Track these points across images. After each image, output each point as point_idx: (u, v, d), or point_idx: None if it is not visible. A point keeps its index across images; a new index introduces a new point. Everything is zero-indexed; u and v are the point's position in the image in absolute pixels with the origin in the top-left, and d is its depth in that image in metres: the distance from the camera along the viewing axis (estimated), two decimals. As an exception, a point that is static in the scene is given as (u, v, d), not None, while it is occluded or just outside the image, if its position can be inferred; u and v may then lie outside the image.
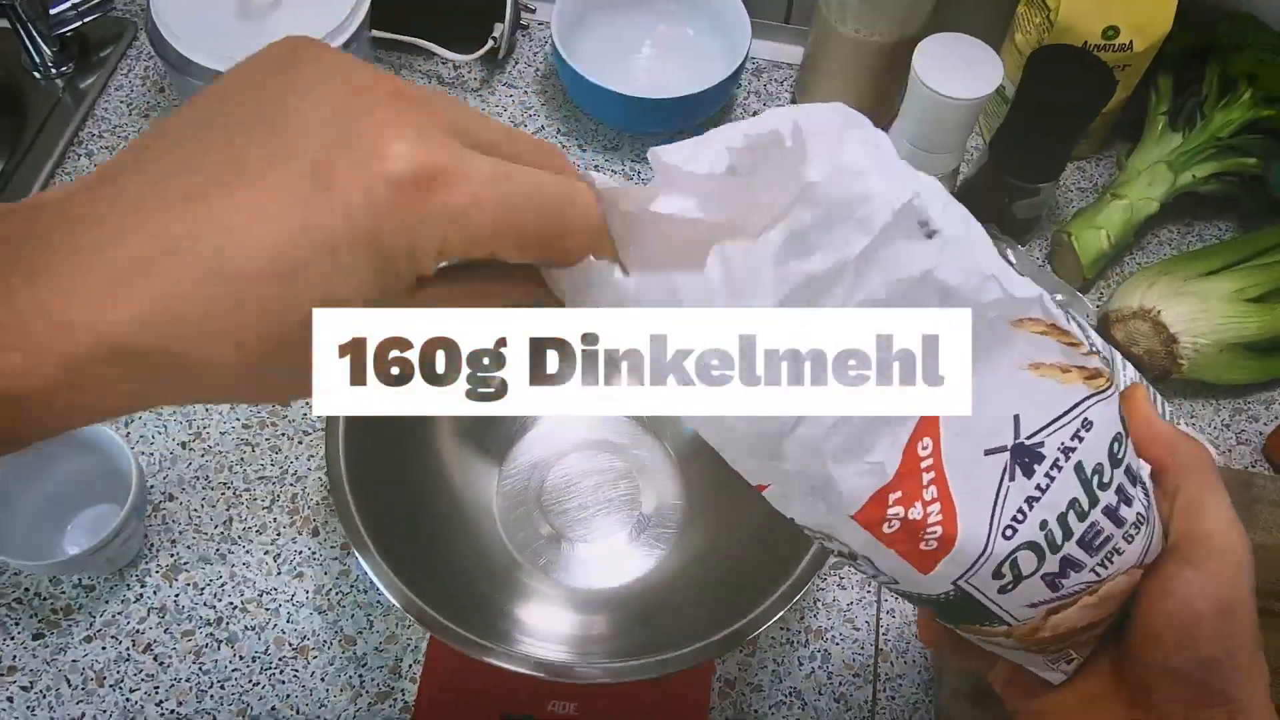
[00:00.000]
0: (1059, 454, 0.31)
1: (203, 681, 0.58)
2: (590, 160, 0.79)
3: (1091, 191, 0.81)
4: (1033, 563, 0.32)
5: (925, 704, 0.60)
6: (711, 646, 0.50)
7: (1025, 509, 0.31)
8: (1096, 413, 0.32)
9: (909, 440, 0.30)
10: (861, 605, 0.63)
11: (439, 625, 0.49)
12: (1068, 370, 0.31)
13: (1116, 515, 0.32)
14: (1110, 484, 0.32)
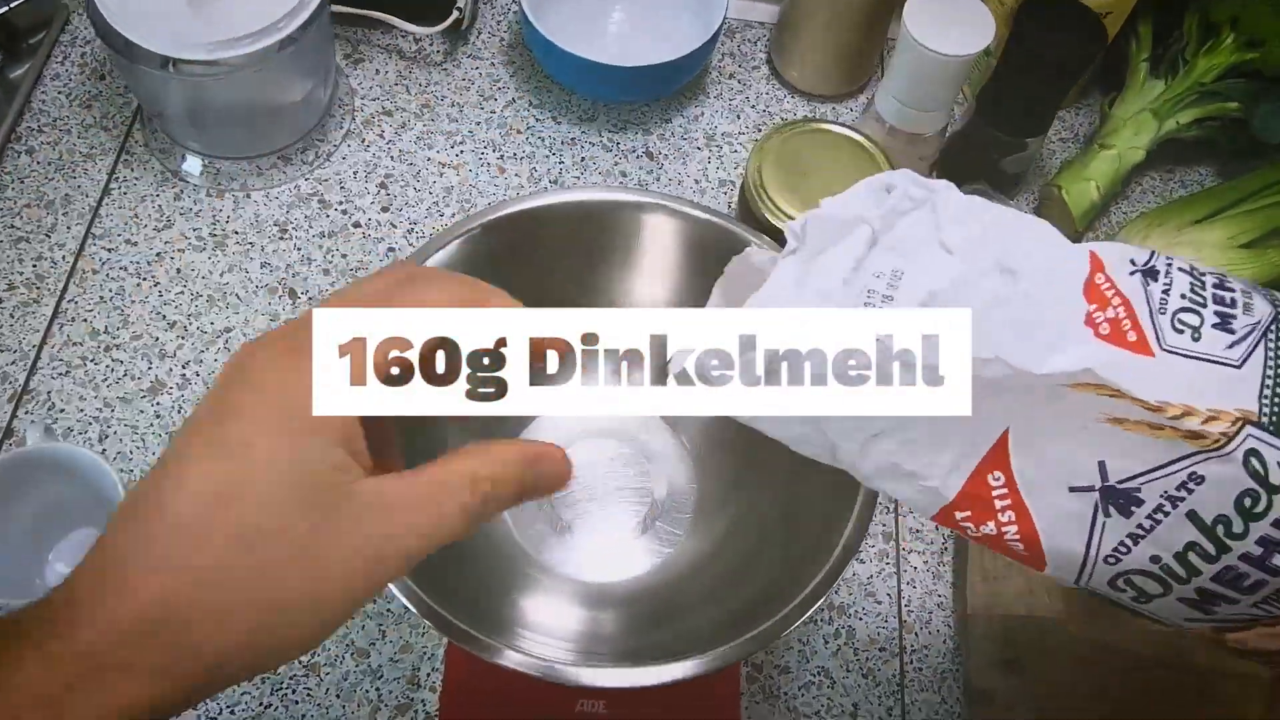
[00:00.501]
0: (1163, 500, 0.32)
1: (210, 709, 0.55)
2: (565, 133, 0.76)
3: (1073, 142, 0.80)
4: (1158, 587, 0.33)
5: (953, 673, 0.60)
6: (747, 643, 0.48)
7: (1129, 543, 0.33)
8: (1208, 469, 0.32)
9: (975, 470, 0.34)
10: (881, 578, 0.62)
11: (464, 634, 0.47)
12: (1159, 428, 0.32)
13: (1266, 565, 0.32)
14: (1245, 534, 0.32)
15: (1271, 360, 0.33)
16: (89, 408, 0.62)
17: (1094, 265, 0.34)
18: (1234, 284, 0.34)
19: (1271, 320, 0.33)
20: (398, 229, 0.70)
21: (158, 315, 0.65)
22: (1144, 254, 0.35)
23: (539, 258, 0.59)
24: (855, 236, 0.34)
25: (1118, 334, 0.33)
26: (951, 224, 0.34)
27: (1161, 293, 0.34)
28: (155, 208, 0.69)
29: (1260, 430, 0.31)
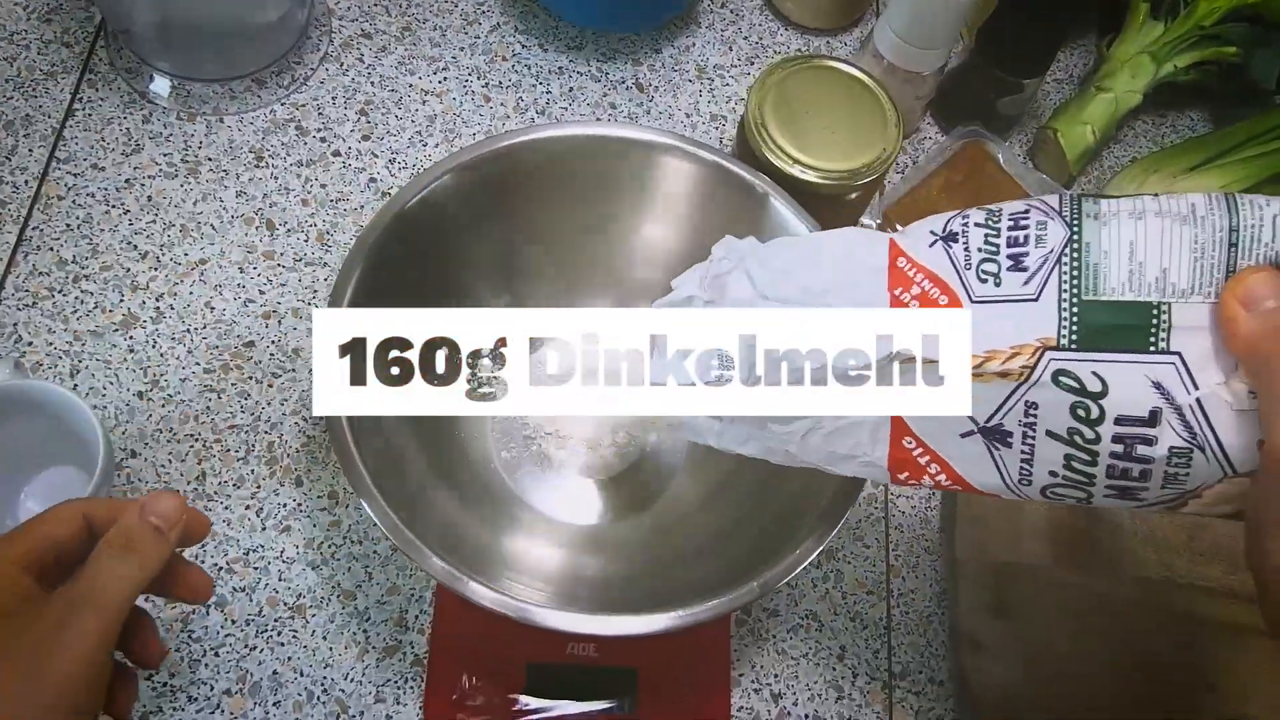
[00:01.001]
0: (1023, 428, 0.37)
1: (194, 650, 0.54)
2: (552, 61, 0.73)
3: (1069, 83, 0.79)
4: (1079, 493, 0.38)
5: (939, 617, 0.60)
6: (746, 593, 0.47)
7: (1026, 467, 0.38)
8: (1034, 395, 0.36)
9: (890, 440, 0.40)
10: (870, 522, 0.62)
11: (454, 577, 0.46)
12: (980, 376, 0.37)
13: (1133, 456, 0.35)
14: (1099, 439, 0.35)
15: (1066, 283, 0.36)
16: (58, 341, 0.59)
17: (893, 253, 0.40)
18: (1031, 217, 0.37)
19: (1064, 244, 0.36)
20: (379, 159, 0.68)
21: (128, 245, 0.63)
22: (942, 221, 0.40)
23: (531, 195, 0.57)
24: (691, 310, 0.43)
25: (928, 303, 0.38)
26: (759, 271, 0.41)
27: (964, 251, 0.38)
28: (123, 131, 0.66)
29: (1060, 351, 0.35)
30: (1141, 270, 0.35)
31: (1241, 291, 0.33)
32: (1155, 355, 0.34)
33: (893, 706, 0.58)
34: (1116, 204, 0.36)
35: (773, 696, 0.57)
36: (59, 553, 0.39)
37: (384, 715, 0.53)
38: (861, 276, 0.40)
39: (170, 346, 0.60)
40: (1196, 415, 0.34)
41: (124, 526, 0.38)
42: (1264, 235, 0.34)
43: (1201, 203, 0.35)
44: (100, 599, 0.36)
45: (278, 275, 0.63)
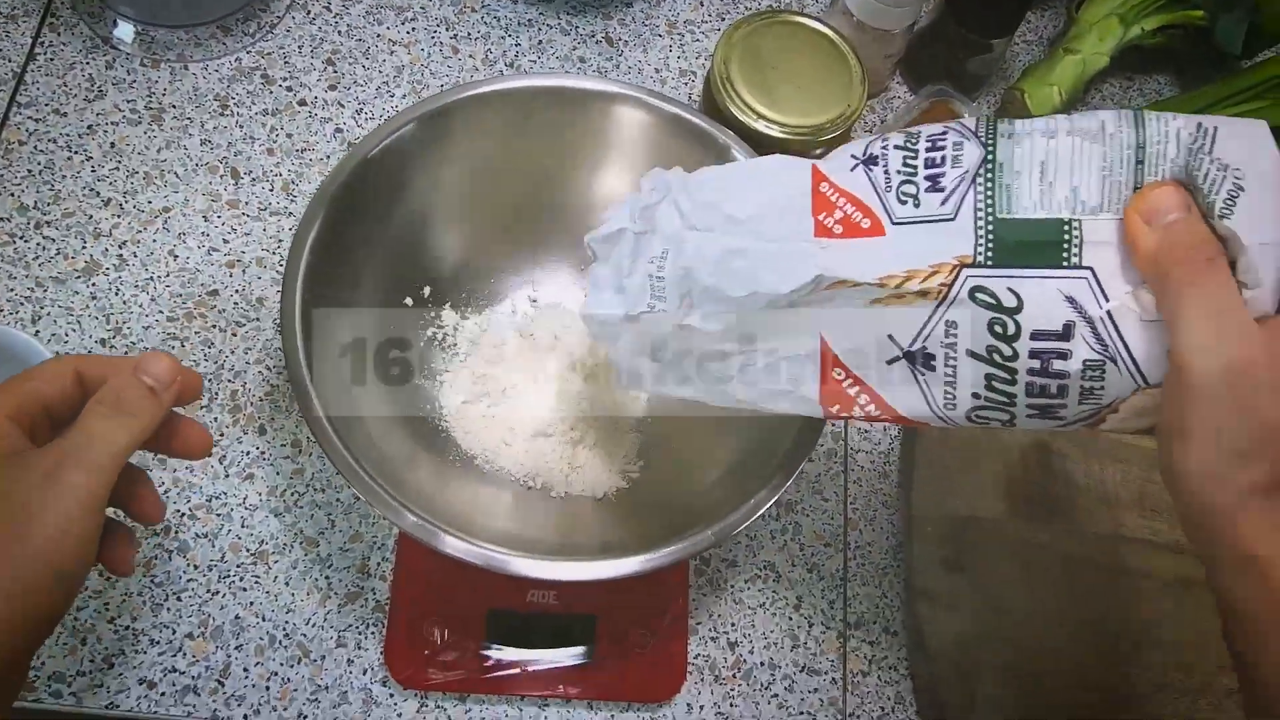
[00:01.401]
0: (945, 349, 0.38)
1: (156, 595, 0.54)
2: (522, 13, 0.73)
3: (1038, 44, 0.79)
4: (1002, 415, 0.39)
5: (895, 569, 0.61)
6: (702, 540, 0.48)
7: (950, 390, 0.39)
8: (953, 314, 0.37)
9: (821, 374, 0.41)
10: (829, 476, 0.63)
11: (416, 525, 0.46)
12: (901, 296, 0.38)
13: (1050, 371, 0.36)
14: (1016, 355, 0.36)
15: (981, 202, 0.36)
16: (19, 288, 0.59)
17: (816, 178, 0.40)
18: (948, 137, 0.38)
19: (979, 164, 0.37)
20: (346, 109, 0.68)
21: (91, 191, 0.62)
22: (862, 145, 0.40)
23: (494, 147, 0.57)
24: (623, 241, 0.43)
25: (851, 227, 0.39)
26: (686, 202, 0.42)
27: (884, 174, 0.39)
28: (85, 76, 0.65)
29: (976, 268, 0.36)
30: (1052, 189, 0.36)
31: (1144, 207, 0.34)
32: (1068, 270, 0.35)
33: (847, 655, 0.59)
34: (1030, 123, 0.37)
35: (729, 645, 0.58)
36: (49, 408, 0.38)
37: (345, 659, 0.54)
38: (786, 203, 0.40)
39: (133, 294, 0.60)
40: (1108, 327, 0.35)
41: (116, 385, 0.37)
42: (1169, 151, 0.35)
43: (1110, 119, 0.36)
44: (89, 456, 0.35)
45: (242, 224, 0.63)
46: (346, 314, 0.53)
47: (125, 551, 0.41)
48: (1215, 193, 0.34)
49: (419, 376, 0.58)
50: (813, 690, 0.58)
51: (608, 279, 0.44)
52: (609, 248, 0.44)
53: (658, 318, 0.42)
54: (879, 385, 0.41)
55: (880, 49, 0.70)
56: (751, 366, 0.43)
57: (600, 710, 0.55)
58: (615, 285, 0.43)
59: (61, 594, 0.35)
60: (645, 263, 0.42)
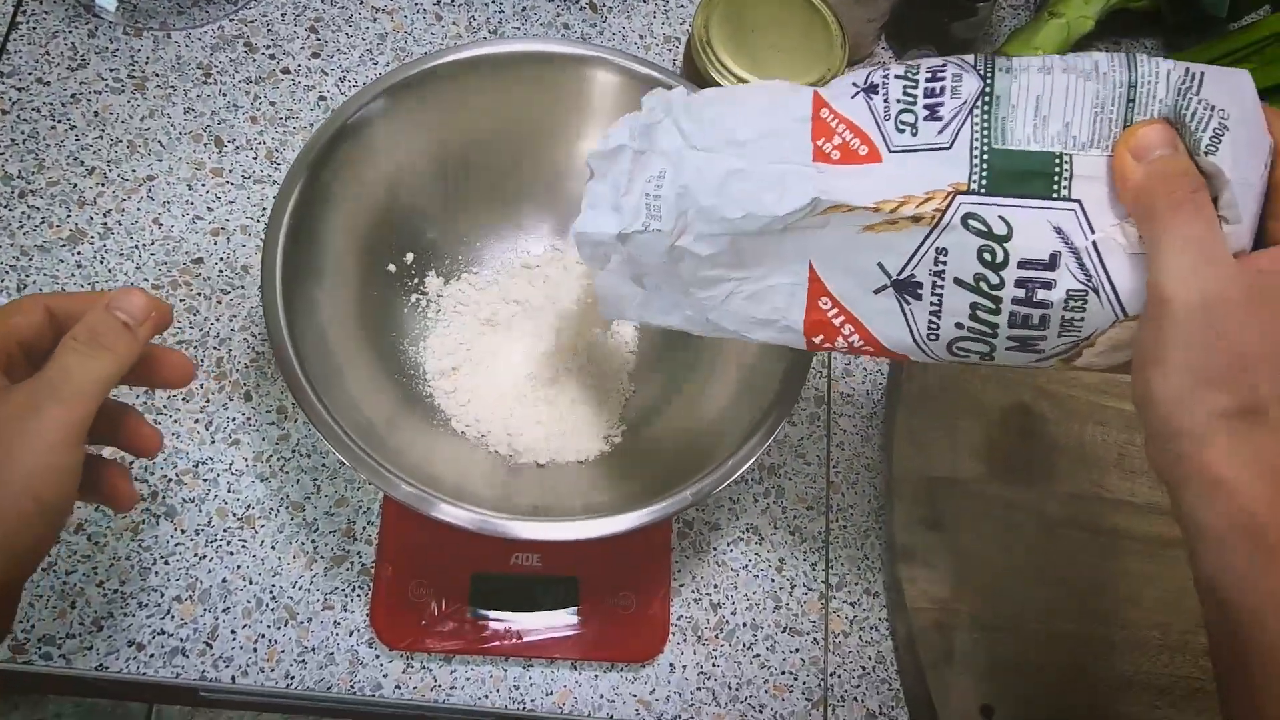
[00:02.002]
0: (932, 277, 0.39)
1: (144, 559, 0.55)
2: (506, -20, 0.73)
3: (1024, 8, 0.79)
4: (982, 346, 0.40)
5: (876, 531, 0.62)
6: (680, 500, 0.48)
7: (934, 320, 0.40)
8: (945, 240, 0.38)
9: (806, 302, 0.42)
10: (812, 440, 0.64)
11: (402, 490, 0.47)
12: (894, 222, 0.38)
13: (1034, 301, 0.37)
14: (1003, 284, 0.37)
15: (977, 132, 0.37)
16: (5, 256, 0.59)
17: (816, 104, 0.41)
18: (948, 69, 0.39)
19: (977, 95, 0.38)
20: (329, 77, 0.68)
21: (75, 160, 0.62)
22: (864, 74, 0.41)
23: (474, 112, 0.57)
24: (622, 158, 0.43)
25: (848, 154, 0.39)
26: (689, 122, 0.42)
27: (883, 102, 0.39)
28: (68, 45, 0.65)
29: (970, 195, 0.37)
30: (1046, 124, 0.37)
31: (1133, 143, 0.35)
32: (1057, 202, 0.36)
33: (828, 616, 0.60)
34: (1027, 60, 0.38)
35: (712, 606, 0.59)
36: (24, 345, 0.38)
37: (331, 622, 0.55)
38: (786, 126, 0.40)
39: (118, 263, 0.60)
40: (1092, 258, 0.36)
41: (90, 321, 0.37)
42: (1159, 91, 0.36)
43: (1104, 60, 0.37)
44: (65, 391, 0.36)
45: (226, 193, 0.63)
46: (328, 281, 0.53)
47: (122, 485, 0.41)
48: (1202, 131, 0.35)
49: (403, 342, 0.58)
50: (794, 650, 0.58)
51: (604, 196, 0.43)
52: (607, 164, 0.44)
53: (652, 237, 0.42)
54: (864, 315, 0.41)
55: (864, 13, 0.69)
56: (738, 294, 0.43)
57: (584, 670, 0.56)
58: (612, 203, 0.43)
59: (44, 526, 0.36)
60: (643, 181, 0.42)
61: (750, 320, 0.43)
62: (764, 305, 0.43)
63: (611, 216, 0.43)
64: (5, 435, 0.34)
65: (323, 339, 0.52)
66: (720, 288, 0.43)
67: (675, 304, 0.45)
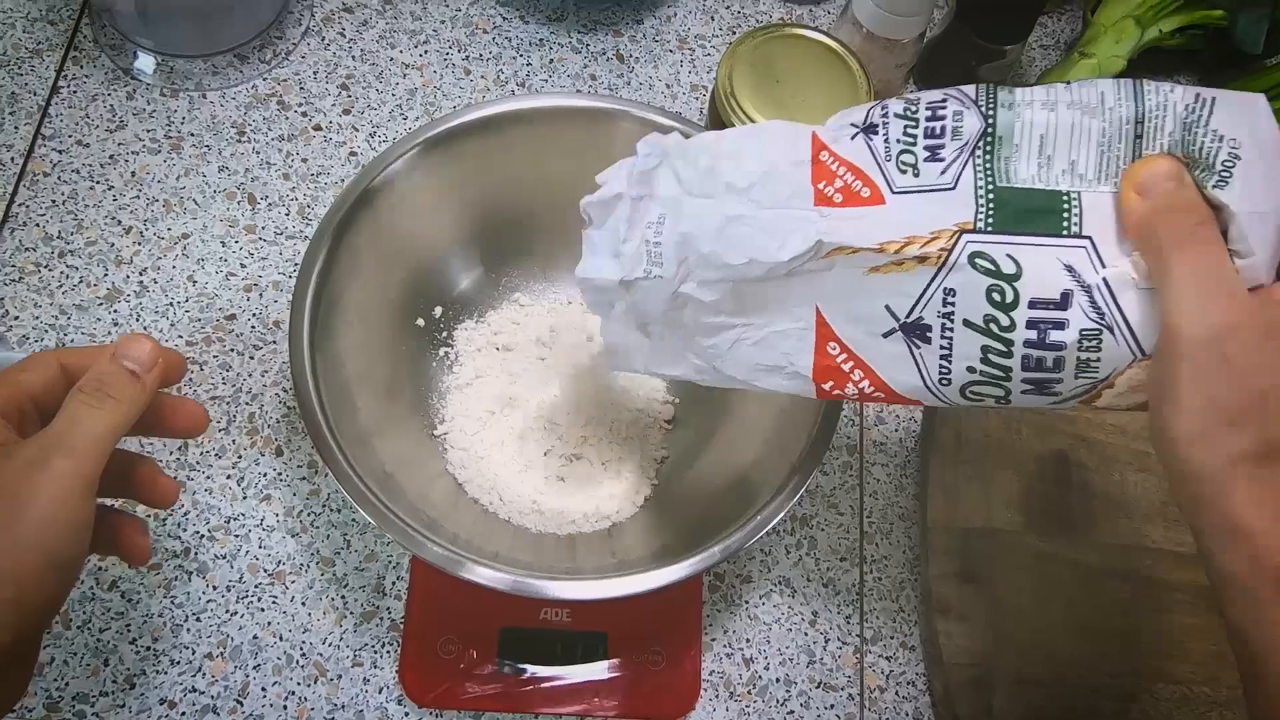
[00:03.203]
0: (941, 319, 0.38)
1: (176, 615, 0.55)
2: (533, 33, 0.73)
3: (1054, 49, 0.78)
4: (997, 390, 0.38)
5: (911, 582, 0.61)
6: (708, 556, 0.48)
7: (945, 364, 0.38)
8: (952, 280, 0.37)
9: (815, 347, 0.41)
10: (845, 489, 0.63)
11: (433, 552, 0.47)
12: (900, 263, 0.37)
13: (1046, 342, 0.36)
14: (1014, 325, 0.36)
15: (980, 171, 0.37)
16: (44, 315, 0.61)
17: (815, 147, 0.40)
18: (948, 106, 0.38)
19: (979, 136, 0.37)
20: (360, 132, 0.69)
21: (112, 220, 0.64)
22: (862, 113, 0.40)
23: (503, 165, 0.58)
24: (620, 207, 0.42)
25: (851, 196, 0.38)
26: (686, 169, 0.41)
27: (884, 143, 0.39)
28: (107, 108, 0.67)
29: (977, 234, 0.36)
30: (1050, 163, 0.36)
31: (1138, 179, 0.35)
32: (1067, 239, 0.35)
33: (864, 670, 0.58)
34: (1030, 93, 0.37)
35: (744, 661, 0.58)
36: (36, 401, 0.38)
37: (361, 678, 0.55)
38: (785, 171, 0.40)
39: (153, 319, 0.61)
40: (1104, 294, 0.35)
41: (97, 372, 0.37)
42: (1166, 125, 0.35)
43: (1110, 91, 0.36)
44: (73, 442, 0.35)
45: (259, 249, 0.64)
46: (356, 340, 0.54)
47: (138, 539, 0.41)
48: (1210, 163, 0.34)
49: (430, 396, 0.59)
50: (829, 706, 0.57)
51: (604, 244, 0.43)
52: (604, 212, 0.43)
53: (654, 284, 0.41)
54: (873, 359, 0.40)
55: (891, 59, 0.69)
56: (744, 341, 0.42)
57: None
58: (611, 250, 0.42)
59: (56, 581, 0.35)
60: (642, 228, 0.42)
61: (758, 367, 0.42)
62: (772, 352, 0.42)
63: (612, 263, 0.42)
64: (14, 490, 0.34)
65: (351, 398, 0.52)
66: (726, 335, 0.42)
67: (682, 353, 0.44)
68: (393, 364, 0.57)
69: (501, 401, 0.59)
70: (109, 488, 0.41)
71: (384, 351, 0.57)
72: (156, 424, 0.41)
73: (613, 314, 0.44)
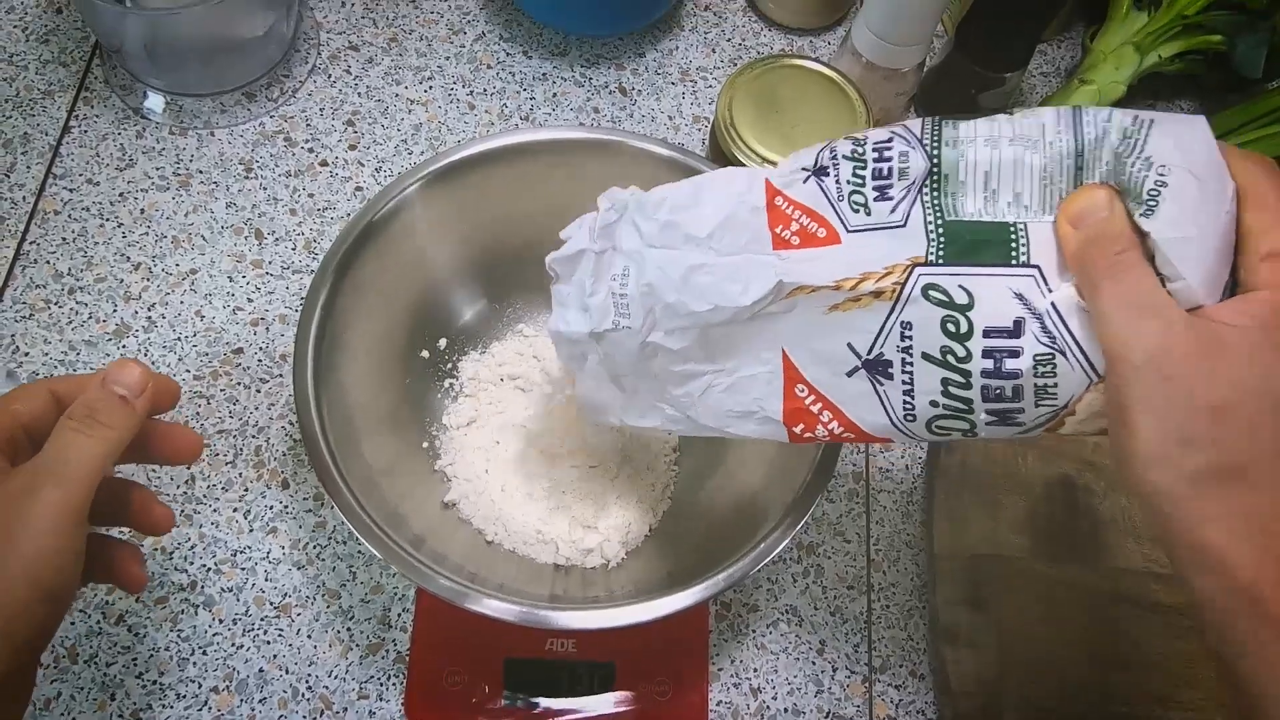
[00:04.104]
0: (901, 354, 0.38)
1: (183, 649, 0.55)
2: (536, 68, 0.74)
3: (1055, 75, 0.79)
4: (962, 424, 0.39)
5: (919, 610, 0.60)
6: (712, 585, 0.48)
7: (908, 399, 0.39)
8: (908, 314, 0.37)
9: (784, 390, 0.42)
10: (851, 517, 0.63)
11: (438, 584, 0.47)
12: (858, 299, 0.38)
13: (1003, 371, 0.36)
14: (969, 355, 0.37)
15: (930, 207, 0.37)
16: (54, 351, 0.61)
17: (770, 193, 0.41)
18: (894, 147, 0.38)
19: (925, 176, 0.38)
20: (365, 167, 0.69)
21: (122, 256, 0.64)
22: (812, 156, 0.41)
23: (506, 197, 0.58)
24: (584, 261, 0.43)
25: (808, 238, 0.39)
26: (645, 222, 0.42)
27: (835, 184, 0.39)
28: (117, 146, 0.68)
29: (929, 267, 0.37)
30: (995, 197, 0.37)
31: (1071, 211, 0.35)
32: (1016, 268, 0.36)
33: (873, 700, 0.58)
34: (973, 128, 0.37)
35: (752, 691, 0.57)
36: (28, 430, 0.38)
37: (367, 711, 0.55)
38: (743, 218, 0.40)
39: (162, 354, 0.62)
40: (1054, 319, 0.35)
41: (86, 399, 0.37)
42: (1103, 154, 0.35)
43: (1051, 122, 0.36)
44: (62, 470, 0.35)
45: (266, 283, 0.65)
46: (361, 373, 0.54)
47: (131, 567, 0.41)
48: (1137, 192, 0.34)
49: (433, 427, 0.59)
50: (838, 736, 0.57)
51: (571, 298, 0.44)
52: (570, 267, 0.44)
53: (623, 335, 0.43)
54: (840, 399, 0.41)
55: (891, 88, 0.70)
56: (715, 388, 0.43)
57: (621, 759, 0.55)
58: (579, 304, 0.44)
59: (46, 611, 0.35)
60: (608, 280, 0.43)
61: (730, 414, 0.43)
62: (743, 397, 0.43)
63: (581, 316, 0.43)
64: (3, 521, 0.34)
65: (356, 430, 0.52)
66: (696, 383, 0.43)
67: (654, 404, 0.45)
68: (397, 395, 0.57)
69: (505, 433, 0.59)
70: (103, 515, 0.41)
71: (388, 383, 0.57)
72: (149, 450, 0.41)
73: (586, 367, 0.45)
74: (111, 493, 0.41)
